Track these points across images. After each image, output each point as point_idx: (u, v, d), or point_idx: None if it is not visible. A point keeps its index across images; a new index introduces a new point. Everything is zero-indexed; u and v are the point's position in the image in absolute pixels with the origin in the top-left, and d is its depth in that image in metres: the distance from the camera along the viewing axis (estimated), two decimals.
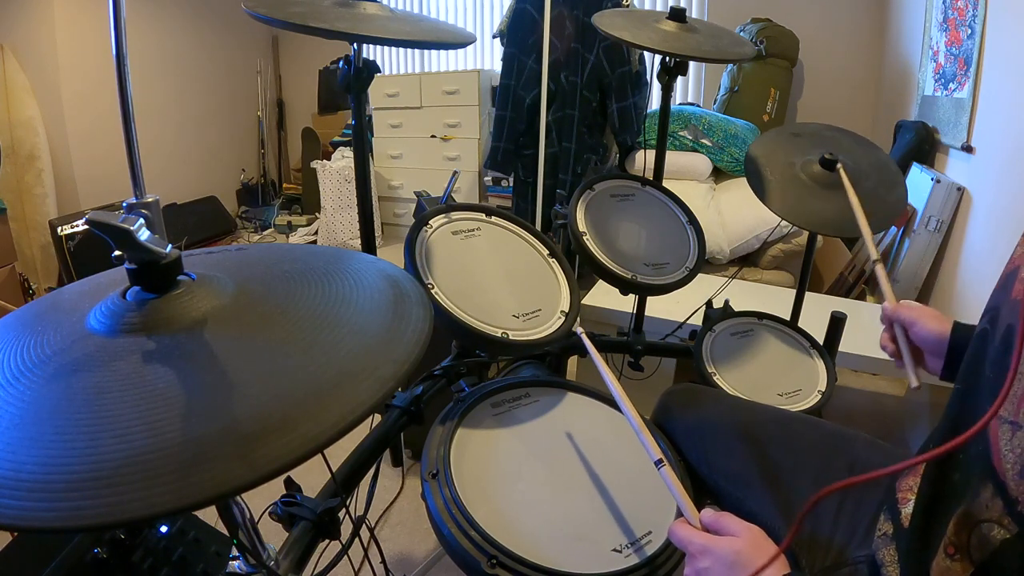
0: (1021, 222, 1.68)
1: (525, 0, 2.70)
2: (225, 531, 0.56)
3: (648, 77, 2.71)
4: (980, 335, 0.49)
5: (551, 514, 0.65)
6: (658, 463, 0.56)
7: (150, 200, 0.76)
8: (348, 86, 0.99)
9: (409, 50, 4.25)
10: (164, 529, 0.74)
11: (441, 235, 0.91)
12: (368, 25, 0.86)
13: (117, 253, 0.45)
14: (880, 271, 0.79)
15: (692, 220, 1.18)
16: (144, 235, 0.44)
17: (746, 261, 2.54)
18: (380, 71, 1.05)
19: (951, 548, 0.42)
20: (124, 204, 0.74)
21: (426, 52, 4.24)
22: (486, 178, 3.44)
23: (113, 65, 0.75)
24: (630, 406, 0.62)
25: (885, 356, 1.68)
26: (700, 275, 1.13)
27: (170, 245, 0.47)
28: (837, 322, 1.21)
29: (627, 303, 1.27)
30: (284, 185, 4.57)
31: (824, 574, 0.60)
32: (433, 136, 3.49)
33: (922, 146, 2.39)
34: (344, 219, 3.60)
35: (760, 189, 1.12)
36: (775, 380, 1.09)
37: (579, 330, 0.72)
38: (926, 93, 2.49)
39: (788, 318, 1.24)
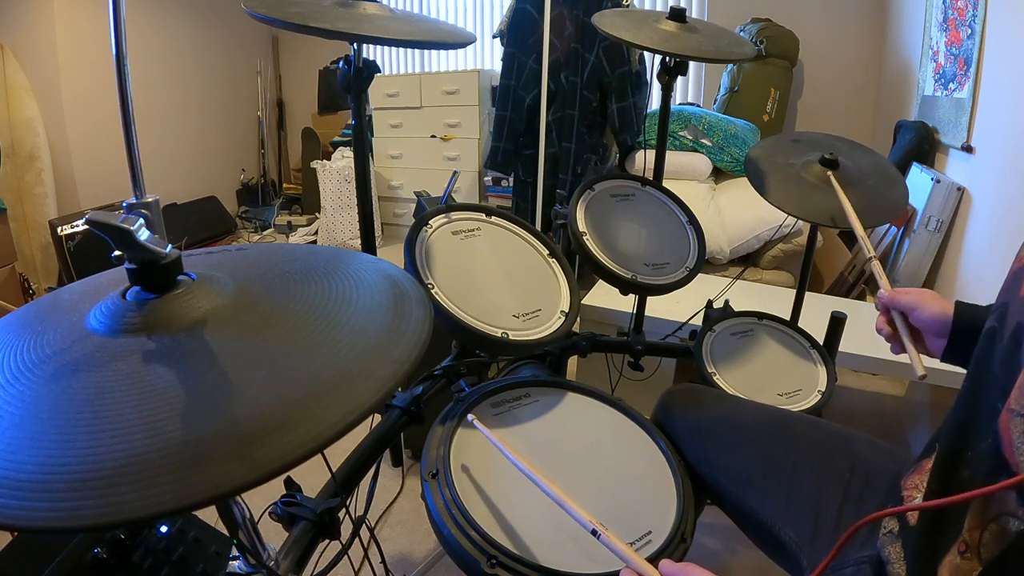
0: (1021, 222, 1.68)
1: (525, 0, 2.70)
2: (225, 531, 0.56)
3: (648, 77, 2.71)
4: (988, 332, 0.49)
5: (551, 514, 0.65)
6: (594, 532, 0.54)
7: (150, 200, 0.77)
8: (348, 86, 0.99)
9: (409, 50, 4.25)
10: (164, 529, 0.74)
11: (441, 235, 0.91)
12: (368, 25, 0.86)
13: (117, 253, 0.45)
14: (876, 266, 0.81)
15: (692, 220, 1.18)
16: (144, 235, 0.44)
17: (746, 261, 2.54)
18: (380, 71, 1.05)
19: (963, 546, 0.42)
20: (124, 204, 0.74)
21: (426, 52, 4.24)
22: (486, 178, 3.44)
23: (113, 65, 0.75)
24: (545, 479, 0.60)
25: (885, 356, 1.67)
26: (700, 275, 1.13)
27: (170, 245, 0.47)
28: (837, 322, 1.21)
29: (627, 303, 1.27)
30: (284, 185, 4.57)
31: (827, 574, 0.60)
32: (433, 136, 3.49)
33: (922, 146, 2.39)
34: (344, 219, 3.60)
35: (760, 185, 1.12)
36: (775, 380, 1.09)
37: (471, 417, 0.72)
38: (926, 93, 2.49)
39: (788, 318, 1.24)
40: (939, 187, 2.11)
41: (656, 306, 1.42)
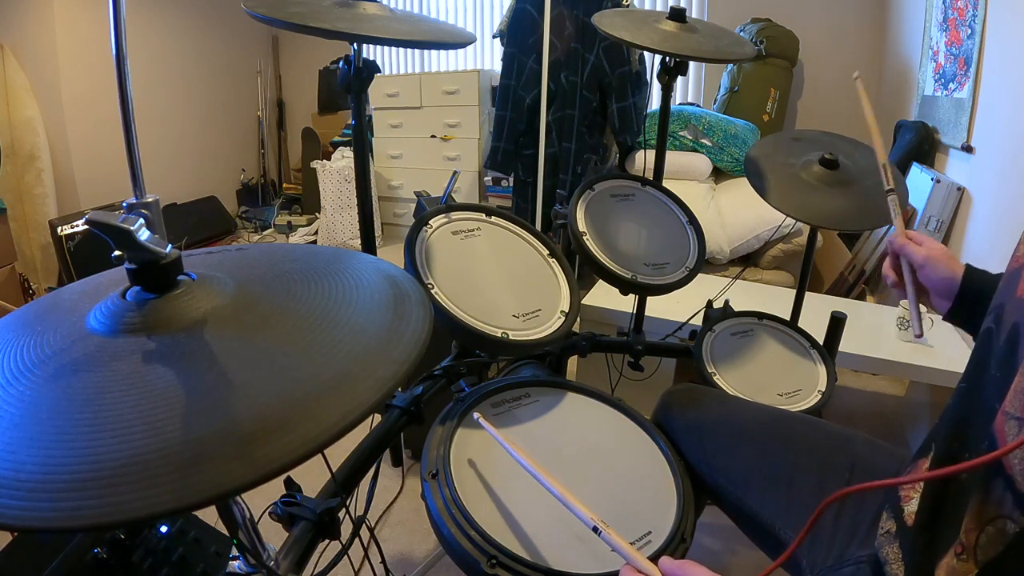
0: (1021, 222, 1.68)
1: (525, 0, 2.70)
2: (225, 531, 0.56)
3: (648, 77, 2.71)
4: (985, 334, 0.49)
5: (551, 514, 0.65)
6: (595, 530, 0.54)
7: (150, 200, 0.76)
8: (348, 86, 0.99)
9: (409, 50, 4.25)
10: (164, 529, 0.74)
11: (441, 235, 0.91)
12: (368, 25, 0.86)
13: (117, 253, 0.45)
14: (893, 201, 0.76)
15: (692, 220, 1.18)
16: (144, 235, 0.44)
17: (746, 261, 2.54)
18: (380, 71, 1.05)
19: (959, 548, 0.42)
20: (124, 204, 0.74)
21: (426, 52, 4.24)
22: (486, 178, 3.44)
23: (113, 65, 0.75)
24: (548, 476, 0.60)
25: (885, 356, 1.67)
26: (700, 275, 1.13)
27: (170, 245, 0.47)
28: (837, 322, 1.21)
29: (627, 303, 1.27)
30: (284, 185, 4.57)
31: (826, 573, 0.60)
32: (433, 136, 3.49)
33: (922, 146, 2.39)
34: (344, 219, 3.60)
35: (760, 186, 1.12)
36: (775, 380, 1.09)
37: (476, 415, 0.73)
38: (926, 93, 2.49)
39: (788, 318, 1.24)
40: (939, 187, 2.11)
41: (656, 306, 1.42)
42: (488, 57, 3.99)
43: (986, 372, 0.46)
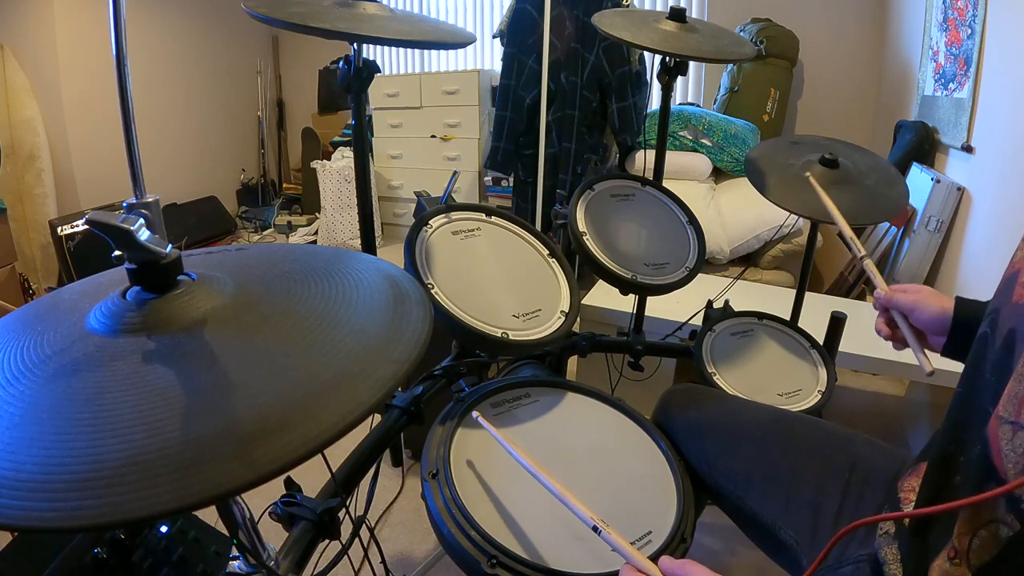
0: (1021, 222, 1.68)
1: (525, 0, 2.70)
2: (225, 531, 0.56)
3: (648, 77, 2.71)
4: (981, 338, 0.49)
5: (551, 514, 0.65)
6: (595, 529, 0.54)
7: (150, 200, 0.77)
8: (348, 86, 0.99)
9: (409, 50, 4.25)
10: (164, 529, 0.74)
11: (441, 235, 0.91)
12: (368, 25, 0.86)
13: (117, 253, 0.45)
14: (869, 266, 0.80)
15: (692, 220, 1.18)
16: (144, 235, 0.44)
17: (746, 261, 2.54)
18: (380, 71, 1.05)
19: (952, 551, 0.42)
20: (124, 204, 0.74)
21: (426, 52, 4.24)
22: (486, 178, 3.44)
23: (113, 65, 0.75)
24: (548, 476, 0.60)
25: (885, 356, 1.67)
26: (700, 275, 1.13)
27: (170, 245, 0.47)
28: (837, 322, 1.21)
29: (627, 303, 1.27)
30: (284, 185, 4.57)
31: (826, 573, 0.60)
32: (433, 136, 3.50)
33: (922, 146, 2.39)
34: (344, 219, 3.60)
35: (761, 184, 1.12)
36: (775, 380, 1.09)
37: (475, 413, 0.73)
38: (926, 93, 2.49)
39: (788, 318, 1.24)
40: (939, 187, 2.11)
41: (656, 306, 1.42)
42: (488, 57, 3.98)
43: (981, 376, 0.46)
